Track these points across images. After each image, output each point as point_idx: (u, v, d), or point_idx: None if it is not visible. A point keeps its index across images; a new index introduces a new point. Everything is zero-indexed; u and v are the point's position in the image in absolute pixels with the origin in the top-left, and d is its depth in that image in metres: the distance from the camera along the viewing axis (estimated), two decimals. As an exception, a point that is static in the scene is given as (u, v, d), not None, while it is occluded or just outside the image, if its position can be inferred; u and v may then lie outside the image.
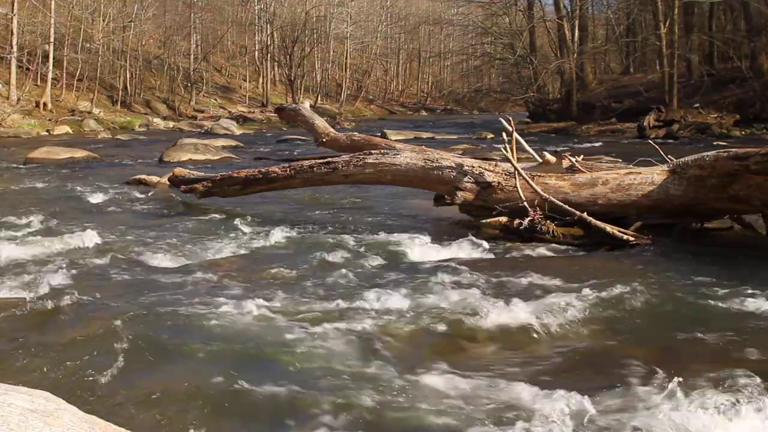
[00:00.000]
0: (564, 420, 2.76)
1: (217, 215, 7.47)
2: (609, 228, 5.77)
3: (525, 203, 6.16)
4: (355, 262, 5.29)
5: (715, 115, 22.15)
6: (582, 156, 6.88)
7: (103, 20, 31.91)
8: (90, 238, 6.00)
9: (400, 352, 3.51)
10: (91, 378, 3.19)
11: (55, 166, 12.89)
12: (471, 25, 40.09)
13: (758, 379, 2.97)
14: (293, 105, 13.60)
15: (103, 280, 4.83)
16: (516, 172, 6.27)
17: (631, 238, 5.71)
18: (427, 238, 6.05)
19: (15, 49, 26.30)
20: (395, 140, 14.31)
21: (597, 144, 18.74)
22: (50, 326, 3.88)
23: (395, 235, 6.20)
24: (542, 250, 5.82)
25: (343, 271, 5.03)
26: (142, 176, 10.49)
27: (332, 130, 11.76)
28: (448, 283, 4.63)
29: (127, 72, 33.06)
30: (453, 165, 6.66)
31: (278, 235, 6.28)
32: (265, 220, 7.10)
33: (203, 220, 7.23)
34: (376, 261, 5.37)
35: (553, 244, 5.94)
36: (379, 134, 18.05)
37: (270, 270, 5.07)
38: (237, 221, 6.96)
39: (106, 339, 3.56)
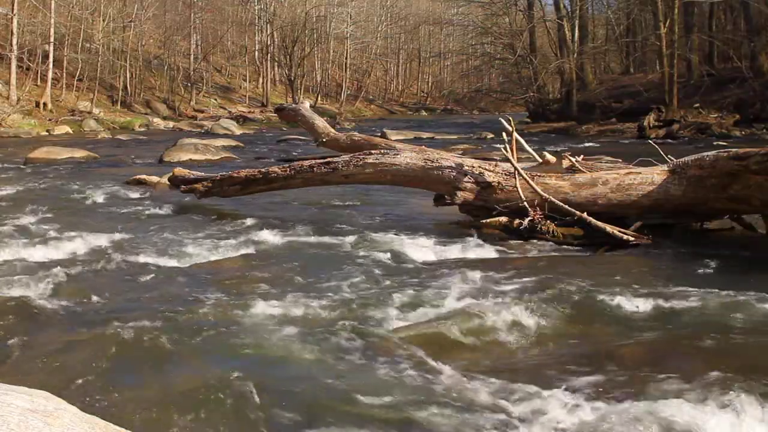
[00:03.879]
0: (562, 419, 2.76)
1: (217, 215, 7.47)
2: (609, 228, 5.77)
3: (525, 203, 6.16)
4: (355, 262, 5.29)
5: (715, 115, 22.14)
6: (582, 156, 6.87)
7: (103, 20, 31.88)
8: (90, 238, 6.01)
9: (400, 352, 3.51)
10: (91, 378, 3.19)
11: (55, 166, 12.89)
12: (471, 25, 40.09)
13: (758, 379, 2.97)
14: (293, 105, 13.59)
15: (103, 280, 4.83)
16: (516, 172, 6.27)
17: (631, 238, 5.71)
18: (426, 238, 6.05)
19: (15, 48, 26.30)
20: (395, 140, 14.30)
21: (597, 144, 18.73)
22: (50, 326, 3.88)
23: (395, 235, 6.20)
24: (542, 250, 5.83)
25: (343, 271, 5.03)
26: (142, 176, 10.49)
27: (332, 130, 11.76)
28: (448, 283, 4.62)
29: (127, 72, 33.03)
30: (453, 165, 6.66)
31: (278, 235, 6.28)
32: (265, 220, 7.09)
33: (203, 221, 7.23)
34: (376, 261, 5.37)
35: (553, 244, 5.94)
36: (379, 134, 18.05)
37: (270, 270, 5.07)
38: (237, 221, 6.96)
39: (106, 339, 3.56)
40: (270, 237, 6.23)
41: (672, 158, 6.32)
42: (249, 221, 6.96)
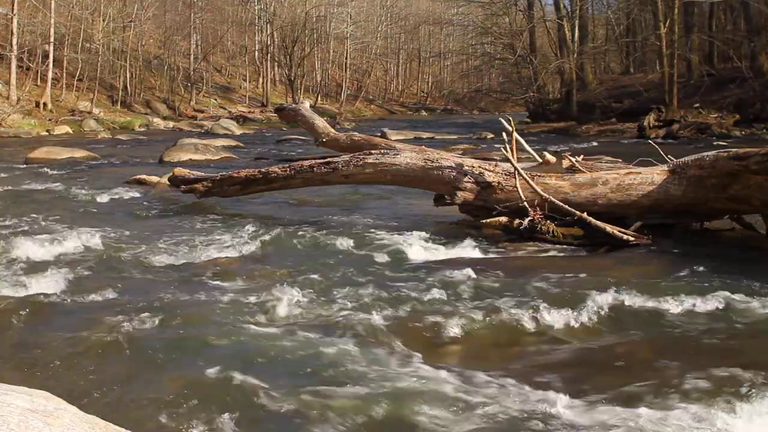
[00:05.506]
0: (561, 418, 2.76)
1: (217, 215, 7.47)
2: (609, 228, 5.77)
3: (525, 203, 6.16)
4: (355, 263, 5.29)
5: (715, 115, 22.14)
6: (582, 156, 6.87)
7: (103, 20, 31.87)
8: (90, 238, 6.00)
9: (399, 352, 3.51)
10: (91, 378, 3.19)
11: (55, 166, 12.88)
12: (471, 25, 40.09)
13: (758, 379, 2.97)
14: (293, 105, 13.60)
15: (103, 280, 4.83)
16: (516, 172, 6.27)
17: (631, 238, 5.71)
18: (426, 238, 6.04)
19: (15, 48, 26.29)
20: (395, 140, 14.31)
21: (597, 144, 18.73)
22: (50, 326, 3.88)
23: (395, 235, 6.20)
24: (542, 251, 5.82)
25: (343, 270, 5.03)
26: (142, 176, 10.49)
27: (332, 130, 11.78)
28: (448, 283, 4.62)
29: (127, 72, 33.02)
30: (453, 165, 6.66)
31: (278, 235, 6.28)
32: (265, 220, 7.09)
33: (203, 220, 7.23)
34: (376, 261, 5.37)
35: (553, 244, 5.94)
36: (379, 134, 18.05)
37: (269, 270, 5.07)
38: (237, 221, 6.96)
39: (106, 339, 3.57)
40: (270, 237, 6.22)
41: (672, 158, 6.31)
42: (249, 221, 6.95)
